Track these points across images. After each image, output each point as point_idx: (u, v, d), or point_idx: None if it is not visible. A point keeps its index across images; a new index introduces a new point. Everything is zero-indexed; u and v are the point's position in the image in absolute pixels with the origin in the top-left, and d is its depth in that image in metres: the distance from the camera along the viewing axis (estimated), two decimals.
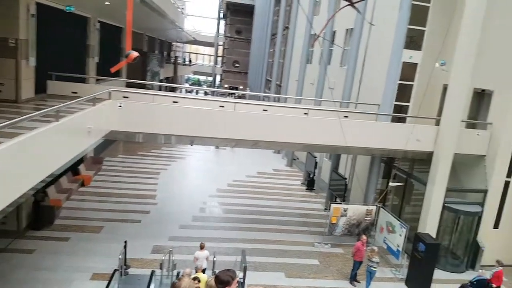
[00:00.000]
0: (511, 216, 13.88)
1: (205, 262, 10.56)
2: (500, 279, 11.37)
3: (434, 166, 13.30)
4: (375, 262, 11.56)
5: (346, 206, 14.47)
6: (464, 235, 13.88)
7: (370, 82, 17.88)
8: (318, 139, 12.92)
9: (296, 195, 20.25)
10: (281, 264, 12.85)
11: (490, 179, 13.51)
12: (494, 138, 13.47)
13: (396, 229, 13.23)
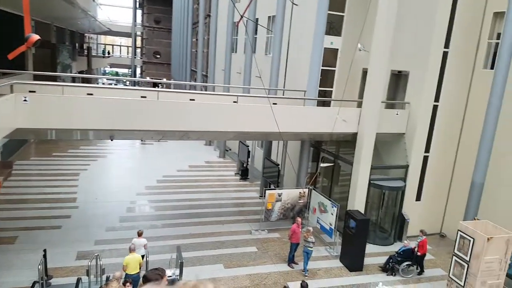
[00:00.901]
0: (431, 188, 15.36)
1: (143, 249, 10.86)
2: (425, 247, 12.45)
3: (358, 146, 14.16)
4: (311, 242, 12.03)
5: (280, 191, 14.83)
6: (390, 209, 15.07)
7: (295, 69, 18.44)
8: (249, 126, 13.02)
9: (230, 185, 20.27)
10: (219, 256, 12.79)
11: (410, 155, 14.77)
12: (412, 117, 14.72)
13: (328, 208, 13.91)
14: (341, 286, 11.58)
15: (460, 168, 15.19)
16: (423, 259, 12.59)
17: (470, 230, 10.31)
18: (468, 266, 10.18)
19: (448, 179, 15.59)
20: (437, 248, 14.62)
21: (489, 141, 12.77)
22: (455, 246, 10.74)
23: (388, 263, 12.39)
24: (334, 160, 16.07)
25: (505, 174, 13.32)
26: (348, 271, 12.44)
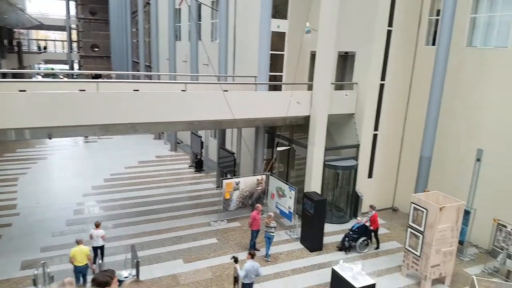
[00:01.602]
0: (381, 165, 15.87)
1: (101, 240, 10.95)
2: (376, 222, 12.86)
3: (312, 128, 14.23)
4: (273, 227, 11.96)
5: (237, 179, 14.58)
6: (345, 188, 15.39)
7: (244, 54, 18.13)
8: (200, 115, 12.52)
9: (185, 178, 19.70)
10: (178, 251, 12.35)
11: (361, 134, 15.13)
12: (360, 97, 15.04)
13: (286, 192, 13.91)
14: (303, 267, 11.64)
15: (408, 144, 15.83)
16: (377, 234, 12.98)
17: (423, 201, 10.72)
18: (423, 236, 10.60)
19: (397, 155, 16.21)
20: (391, 222, 15.20)
21: (434, 116, 13.36)
22: (409, 218, 11.13)
23: (344, 242, 12.59)
24: (289, 145, 16.09)
25: (450, 147, 14.05)
26: (309, 252, 12.55)
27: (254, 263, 9.41)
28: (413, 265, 10.98)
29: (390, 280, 11.11)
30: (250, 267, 9.30)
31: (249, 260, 9.37)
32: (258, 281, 10.76)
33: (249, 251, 9.83)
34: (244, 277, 9.32)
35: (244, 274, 9.25)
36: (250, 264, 9.33)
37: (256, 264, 9.46)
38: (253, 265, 9.35)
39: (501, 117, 12.51)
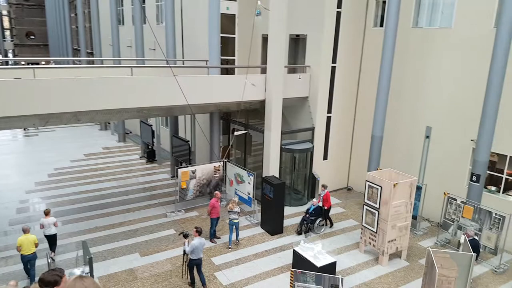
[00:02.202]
0: (336, 147, 16.16)
1: (54, 228, 10.85)
2: (328, 200, 13.00)
3: (267, 113, 14.11)
4: (236, 213, 11.85)
5: (193, 168, 14.17)
6: (302, 171, 15.53)
7: (193, 38, 17.52)
8: (149, 101, 11.89)
9: (137, 170, 18.90)
10: (134, 245, 11.82)
11: (315, 117, 15.26)
12: (313, 79, 15.11)
13: (244, 178, 13.76)
14: (265, 251, 11.61)
15: (360, 125, 16.24)
16: (329, 212, 13.16)
17: (377, 179, 11.01)
18: (378, 213, 10.92)
19: (350, 136, 16.60)
20: (346, 201, 15.60)
21: (384, 96, 13.73)
22: (364, 196, 11.42)
23: (302, 226, 12.67)
24: (245, 129, 15.89)
25: (400, 126, 14.56)
26: (270, 235, 12.55)
27: (201, 239, 9.63)
28: (371, 241, 11.32)
29: (349, 257, 11.38)
30: (197, 244, 9.52)
31: (196, 237, 9.56)
32: (220, 269, 10.60)
33: (195, 228, 9.84)
34: (192, 253, 9.54)
35: (190, 249, 9.46)
36: (197, 241, 9.54)
37: (203, 240, 9.69)
38: (200, 242, 9.58)
39: (448, 95, 13.12)
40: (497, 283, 10.28)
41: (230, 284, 10.02)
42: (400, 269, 10.88)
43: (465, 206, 11.49)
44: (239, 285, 9.96)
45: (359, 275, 10.51)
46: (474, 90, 12.14)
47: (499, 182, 12.35)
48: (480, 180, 11.43)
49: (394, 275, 10.58)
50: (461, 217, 11.57)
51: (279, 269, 10.74)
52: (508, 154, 11.83)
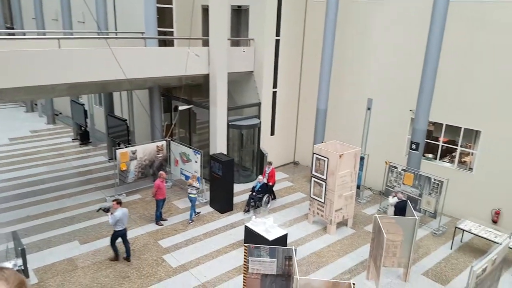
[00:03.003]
0: (282, 122, 16.25)
1: None
2: (274, 177, 13.10)
3: (212, 88, 13.72)
4: (195, 188, 11.66)
5: (134, 148, 13.48)
6: (250, 147, 15.45)
7: (127, 8, 16.40)
8: (81, 76, 10.93)
9: (70, 153, 17.64)
10: (72, 233, 11.08)
11: (261, 92, 15.14)
12: (258, 53, 14.90)
13: (191, 157, 13.38)
14: (215, 230, 11.47)
15: (304, 99, 16.44)
16: (272, 188, 13.30)
17: (323, 151, 11.23)
18: (325, 184, 11.20)
19: (295, 111, 16.76)
20: (294, 175, 15.87)
21: (327, 70, 13.95)
22: (312, 168, 11.63)
23: (249, 204, 12.56)
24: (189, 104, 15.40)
25: (344, 98, 14.93)
26: (219, 214, 12.41)
27: (123, 210, 9.55)
28: (319, 212, 11.63)
29: (299, 229, 11.62)
30: (121, 215, 9.40)
31: (118, 209, 9.42)
32: (168, 251, 10.29)
33: (115, 199, 9.73)
34: (116, 225, 9.45)
35: (114, 221, 9.35)
36: (120, 212, 9.42)
37: (125, 210, 9.61)
38: (123, 212, 9.49)
39: (387, 67, 13.61)
40: (437, 245, 11.08)
41: (180, 265, 9.78)
42: (347, 237, 11.32)
43: (405, 173, 12.15)
44: (189, 266, 9.76)
45: (309, 245, 10.77)
46: (412, 62, 12.68)
47: (435, 149, 13.20)
48: (419, 148, 12.11)
49: (342, 243, 10.99)
50: (402, 184, 12.23)
51: (231, 246, 10.67)
52: (444, 123, 12.62)
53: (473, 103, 11.82)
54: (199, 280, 9.22)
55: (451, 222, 12.22)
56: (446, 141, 12.97)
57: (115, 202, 9.51)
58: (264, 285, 7.88)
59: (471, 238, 11.35)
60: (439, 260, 10.33)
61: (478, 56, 11.55)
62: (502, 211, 11.65)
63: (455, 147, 12.72)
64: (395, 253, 9.30)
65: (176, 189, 14.12)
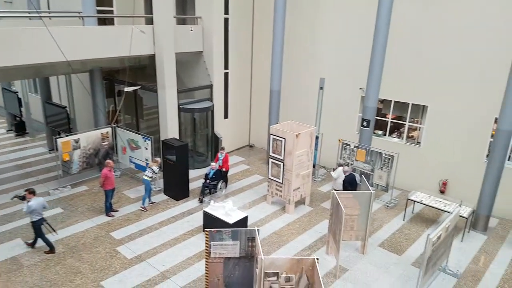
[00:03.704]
0: (235, 104, 16.06)
1: None
2: (227, 162, 12.81)
3: (159, 69, 13.18)
4: (151, 171, 11.38)
5: (76, 137, 12.67)
6: (203, 131, 15.12)
7: None
8: (10, 59, 9.96)
9: (5, 145, 16.31)
10: (14, 230, 10.28)
11: (212, 74, 14.80)
12: (206, 32, 14.49)
13: (140, 143, 12.85)
14: (172, 218, 11.17)
15: (257, 80, 16.35)
16: (227, 174, 13.05)
17: (280, 131, 11.25)
18: (283, 164, 11.26)
19: (248, 93, 16.64)
20: (249, 158, 15.84)
21: (279, 50, 13.88)
22: (269, 149, 11.63)
23: (203, 193, 12.14)
24: (134, 92, 14.67)
25: (296, 79, 15.03)
26: (175, 201, 12.09)
27: (38, 199, 9.25)
28: (277, 192, 11.70)
29: (258, 210, 11.65)
30: (35, 205, 9.10)
31: (32, 199, 9.11)
32: (122, 243, 9.87)
33: (28, 188, 9.33)
34: (32, 215, 9.16)
35: (28, 210, 9.07)
36: (33, 201, 9.11)
37: (40, 199, 9.34)
38: (37, 201, 9.19)
39: (338, 46, 13.84)
40: (391, 217, 11.61)
41: (136, 256, 9.42)
42: (306, 214, 11.54)
43: (358, 150, 12.53)
44: (146, 256, 9.44)
45: (269, 226, 10.84)
46: (362, 41, 12.98)
47: (384, 126, 13.74)
48: (370, 124, 12.50)
49: (301, 221, 11.18)
50: (355, 160, 12.63)
51: (189, 233, 10.45)
52: (392, 99, 13.12)
53: (420, 80, 12.38)
54: (157, 270, 8.95)
55: (402, 194, 12.85)
56: (395, 117, 13.53)
57: (27, 192, 9.16)
58: (227, 269, 7.81)
59: (422, 208, 12.02)
60: (393, 231, 10.83)
61: (425, 34, 12.05)
62: (449, 181, 12.43)
63: (403, 123, 13.32)
64: (353, 227, 9.60)
65: (126, 179, 13.55)
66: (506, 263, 9.48)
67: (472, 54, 11.33)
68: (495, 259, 9.65)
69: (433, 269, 8.30)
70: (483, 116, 11.46)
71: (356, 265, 9.28)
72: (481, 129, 11.56)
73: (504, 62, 10.33)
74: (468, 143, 11.86)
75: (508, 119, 9.81)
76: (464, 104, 11.73)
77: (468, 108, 11.68)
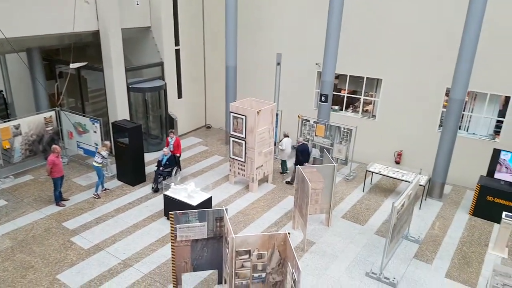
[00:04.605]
0: (189, 83, 15.54)
1: None
2: (180, 146, 12.18)
3: (105, 47, 12.39)
4: (100, 157, 10.73)
5: (16, 122, 11.64)
6: (156, 112, 14.50)
7: None
8: None
9: None
10: None
11: (162, 50, 14.14)
12: (154, 7, 13.75)
13: (88, 127, 12.08)
14: (129, 204, 10.69)
15: (211, 57, 15.90)
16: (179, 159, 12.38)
17: (240, 109, 11.03)
18: (245, 142, 11.09)
19: (202, 70, 16.16)
20: (207, 139, 15.50)
21: (233, 26, 13.51)
22: (230, 128, 11.38)
23: (157, 181, 11.37)
24: (78, 72, 13.70)
25: (252, 54, 14.78)
26: (131, 186, 11.57)
27: None
28: (240, 172, 11.56)
29: (221, 191, 11.47)
30: None
31: None
32: (77, 233, 9.30)
33: None
34: None
35: None
36: None
37: None
38: None
39: (294, 22, 13.73)
40: (351, 189, 11.91)
41: (93, 246, 8.92)
42: (269, 192, 11.53)
43: (317, 125, 12.65)
44: (104, 245, 8.97)
45: (234, 206, 10.71)
46: (317, 16, 12.95)
47: (339, 101, 13.97)
48: (328, 99, 12.62)
49: (265, 198, 11.16)
50: (315, 136, 12.75)
51: (149, 218, 10.06)
52: (348, 74, 13.31)
53: (375, 54, 12.63)
54: (118, 258, 8.54)
55: (360, 167, 13.22)
56: (350, 92, 13.78)
57: None
58: (195, 251, 7.60)
59: (379, 179, 12.45)
60: (354, 202, 11.13)
61: (378, 8, 12.23)
62: (404, 152, 12.94)
63: (358, 97, 13.60)
64: (317, 200, 9.72)
65: (75, 165, 12.76)
66: (462, 227, 10.09)
67: (423, 27, 11.69)
68: (452, 223, 10.24)
69: (397, 237, 8.63)
70: (434, 87, 11.95)
71: (322, 238, 9.44)
72: (433, 100, 12.07)
73: (454, 34, 10.74)
74: (421, 115, 12.36)
75: (460, 88, 10.28)
76: (416, 76, 12.16)
77: (420, 80, 12.12)
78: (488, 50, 10.60)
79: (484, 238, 9.62)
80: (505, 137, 11.28)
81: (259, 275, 6.88)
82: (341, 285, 7.92)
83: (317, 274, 8.21)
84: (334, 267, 8.46)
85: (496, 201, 10.08)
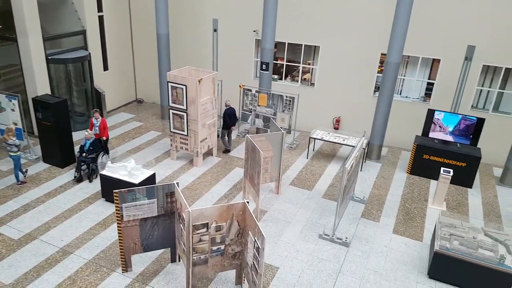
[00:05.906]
0: (116, 53, 14.43)
1: None
2: (106, 129, 10.96)
3: (17, 12, 11.01)
4: (13, 145, 9.50)
5: None
6: (81, 86, 13.27)
7: None
8: None
9: None
10: None
11: (84, 17, 12.91)
12: None
13: (4, 105, 10.76)
14: (60, 187, 9.80)
15: (138, 24, 14.88)
16: (107, 143, 11.17)
17: (179, 77, 10.48)
18: (187, 114, 10.63)
19: (129, 39, 15.10)
20: (140, 114, 14.68)
21: None
22: (168, 100, 10.81)
23: (80, 170, 10.13)
24: None
25: (186, 20, 14.09)
26: (60, 168, 10.61)
27: None
28: (182, 146, 11.12)
29: (163, 167, 10.96)
30: None
31: None
32: (4, 223, 8.35)
33: None
34: None
35: None
36: None
37: None
38: None
39: None
40: (295, 156, 12.10)
41: (25, 235, 8.09)
42: (215, 165, 11.29)
43: (259, 94, 12.53)
44: (37, 233, 8.17)
45: (180, 182, 10.11)
46: None
47: (278, 71, 13.96)
48: (268, 68, 12.52)
49: (212, 172, 10.91)
50: (258, 106, 12.64)
51: (85, 201, 9.33)
52: (286, 41, 13.28)
53: (312, 21, 12.68)
54: (56, 246, 7.84)
55: (301, 135, 13.46)
56: (288, 61, 13.81)
57: None
58: (144, 230, 7.20)
59: (321, 146, 12.79)
60: (300, 169, 11.33)
61: None
62: (342, 118, 13.38)
63: (297, 65, 13.69)
64: (267, 169, 9.71)
65: None
66: (402, 185, 10.77)
67: None
68: (392, 182, 10.87)
69: (346, 198, 8.94)
70: (370, 53, 12.37)
71: (273, 206, 9.50)
72: (369, 66, 12.51)
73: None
74: (357, 81, 12.78)
75: (395, 51, 10.73)
76: (352, 43, 12.48)
77: (356, 46, 12.46)
78: (419, 13, 11.13)
79: (423, 194, 10.37)
80: (436, 99, 12.11)
81: (217, 248, 6.72)
82: (297, 250, 8.06)
83: (272, 241, 8.27)
84: (288, 232, 8.58)
85: (431, 159, 10.87)
